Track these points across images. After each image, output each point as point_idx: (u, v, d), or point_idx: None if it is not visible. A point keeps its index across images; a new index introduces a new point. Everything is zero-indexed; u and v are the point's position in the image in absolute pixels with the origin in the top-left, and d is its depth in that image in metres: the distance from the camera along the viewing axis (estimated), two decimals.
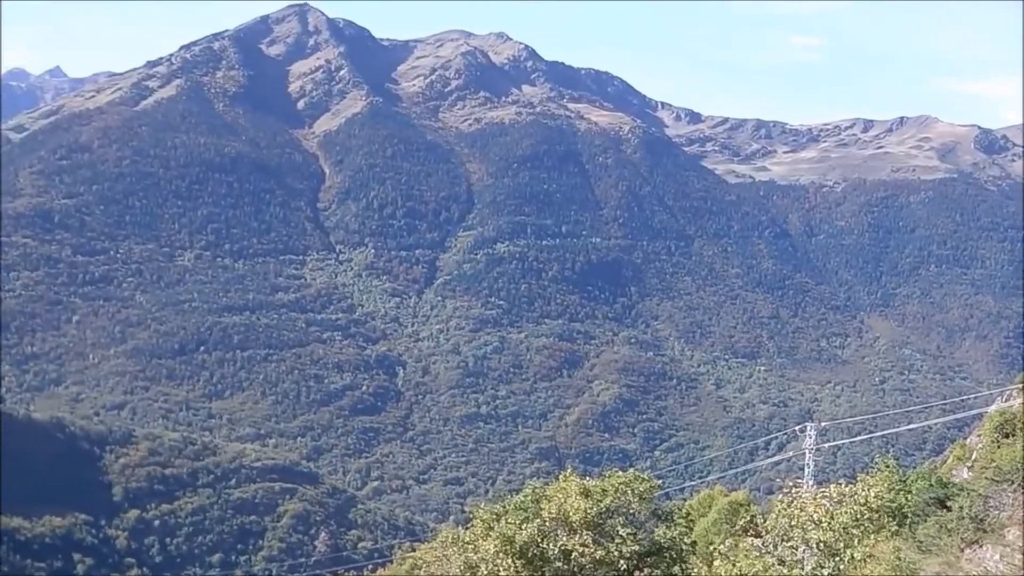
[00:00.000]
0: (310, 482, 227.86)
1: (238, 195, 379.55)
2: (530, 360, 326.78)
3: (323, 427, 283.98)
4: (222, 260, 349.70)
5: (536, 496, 42.53)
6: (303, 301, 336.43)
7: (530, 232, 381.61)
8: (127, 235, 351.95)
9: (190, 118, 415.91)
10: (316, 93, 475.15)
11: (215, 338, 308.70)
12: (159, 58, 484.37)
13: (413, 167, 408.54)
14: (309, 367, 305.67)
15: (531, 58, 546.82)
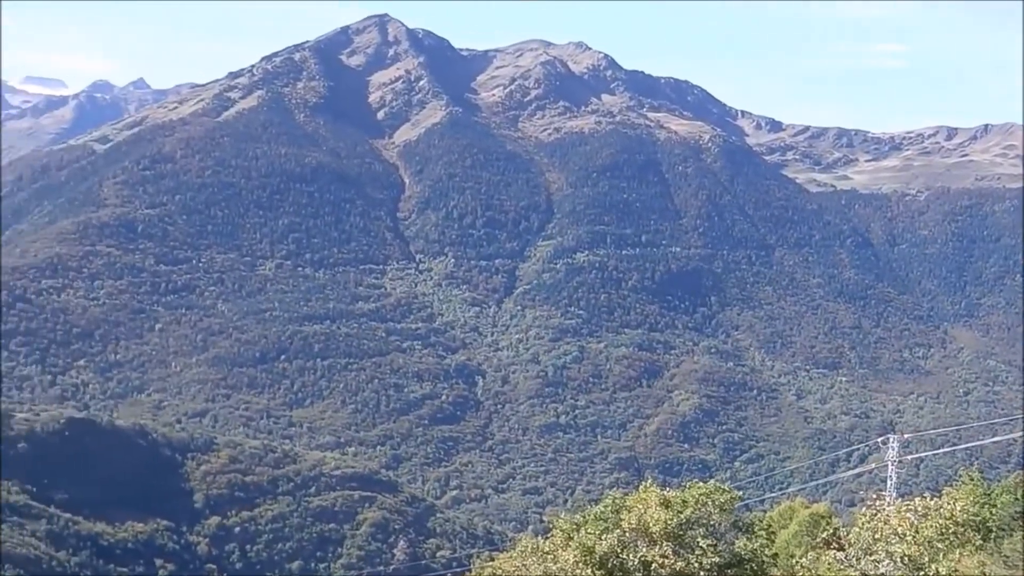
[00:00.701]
0: (389, 491, 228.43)
1: (319, 205, 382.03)
2: (609, 370, 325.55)
3: (402, 436, 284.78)
4: (303, 269, 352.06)
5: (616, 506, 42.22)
6: (383, 310, 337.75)
7: (610, 242, 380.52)
8: (209, 244, 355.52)
9: (271, 128, 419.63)
10: (396, 103, 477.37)
11: (296, 347, 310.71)
12: (241, 69, 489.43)
13: (493, 177, 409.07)
14: (389, 376, 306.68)
15: (610, 67, 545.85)
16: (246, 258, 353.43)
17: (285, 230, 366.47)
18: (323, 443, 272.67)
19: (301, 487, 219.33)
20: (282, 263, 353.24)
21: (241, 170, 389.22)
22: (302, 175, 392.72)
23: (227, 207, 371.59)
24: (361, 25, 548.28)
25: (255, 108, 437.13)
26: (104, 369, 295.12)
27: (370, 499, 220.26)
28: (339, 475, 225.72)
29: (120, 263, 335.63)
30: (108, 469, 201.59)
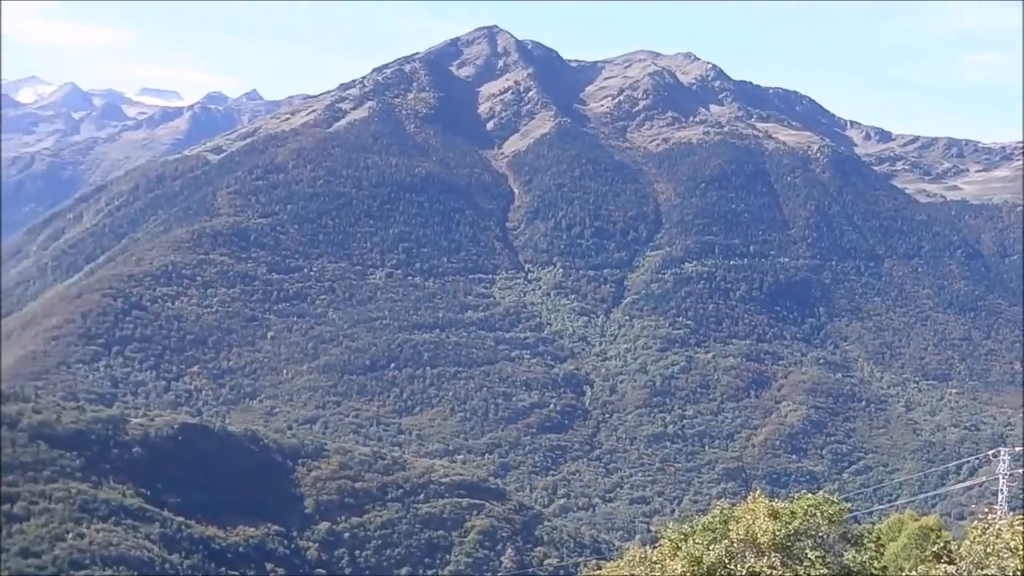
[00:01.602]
0: (497, 498, 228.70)
1: (428, 215, 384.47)
2: (717, 380, 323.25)
3: (511, 444, 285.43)
4: (413, 278, 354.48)
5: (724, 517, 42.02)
6: (492, 319, 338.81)
7: (718, 252, 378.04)
8: (320, 253, 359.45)
9: (382, 139, 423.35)
10: (505, 114, 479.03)
11: (405, 355, 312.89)
12: (352, 81, 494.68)
13: (601, 187, 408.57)
14: (497, 385, 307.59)
15: (718, 78, 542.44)
16: (357, 267, 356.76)
17: (395, 239, 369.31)
18: (432, 450, 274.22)
19: (410, 494, 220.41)
20: (392, 272, 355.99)
21: (352, 180, 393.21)
22: (412, 185, 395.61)
23: (338, 216, 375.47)
24: (471, 37, 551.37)
25: (366, 119, 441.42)
26: (217, 375, 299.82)
27: (478, 506, 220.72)
28: (448, 482, 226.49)
29: (233, 271, 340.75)
30: (220, 474, 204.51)
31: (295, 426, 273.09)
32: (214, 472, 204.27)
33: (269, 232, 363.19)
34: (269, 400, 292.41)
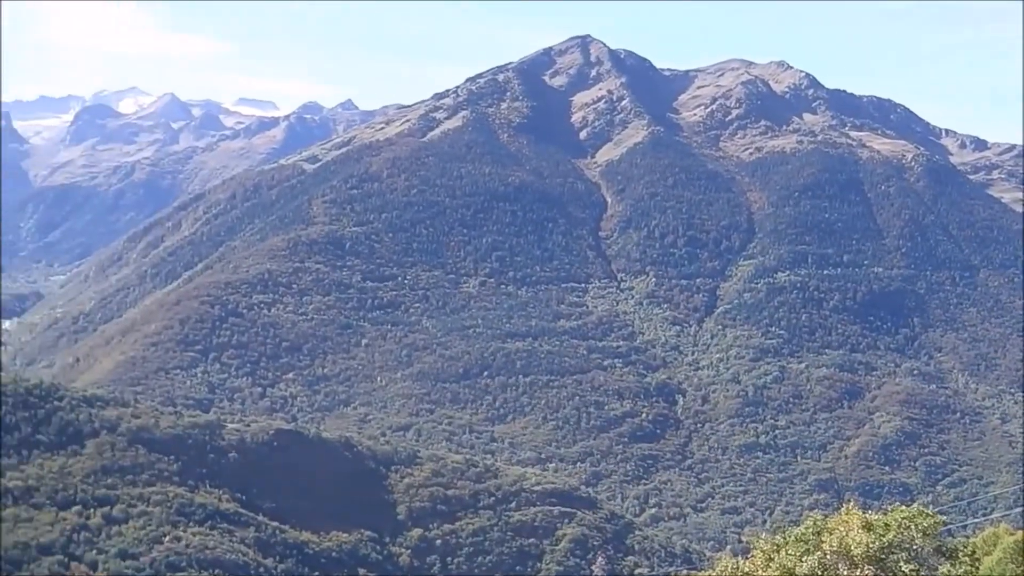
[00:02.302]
0: (589, 507, 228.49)
1: (522, 224, 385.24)
2: (810, 391, 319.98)
3: (602, 453, 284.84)
4: (506, 287, 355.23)
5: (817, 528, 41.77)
6: (584, 328, 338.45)
7: (811, 261, 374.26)
8: (414, 262, 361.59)
9: (475, 148, 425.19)
10: (598, 123, 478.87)
11: (498, 363, 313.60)
12: (446, 90, 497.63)
13: (694, 196, 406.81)
14: (590, 393, 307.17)
15: (812, 86, 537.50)
16: (450, 275, 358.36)
17: (489, 248, 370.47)
18: (524, 458, 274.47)
19: (502, 501, 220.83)
20: (486, 281, 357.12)
21: (446, 189, 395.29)
22: (506, 194, 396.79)
23: (432, 225, 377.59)
24: (564, 46, 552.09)
25: (460, 128, 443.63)
26: (312, 382, 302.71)
27: (570, 515, 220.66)
28: (539, 490, 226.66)
29: (328, 279, 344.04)
30: (314, 480, 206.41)
31: (388, 433, 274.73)
32: (308, 478, 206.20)
33: (364, 240, 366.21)
34: (363, 407, 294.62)
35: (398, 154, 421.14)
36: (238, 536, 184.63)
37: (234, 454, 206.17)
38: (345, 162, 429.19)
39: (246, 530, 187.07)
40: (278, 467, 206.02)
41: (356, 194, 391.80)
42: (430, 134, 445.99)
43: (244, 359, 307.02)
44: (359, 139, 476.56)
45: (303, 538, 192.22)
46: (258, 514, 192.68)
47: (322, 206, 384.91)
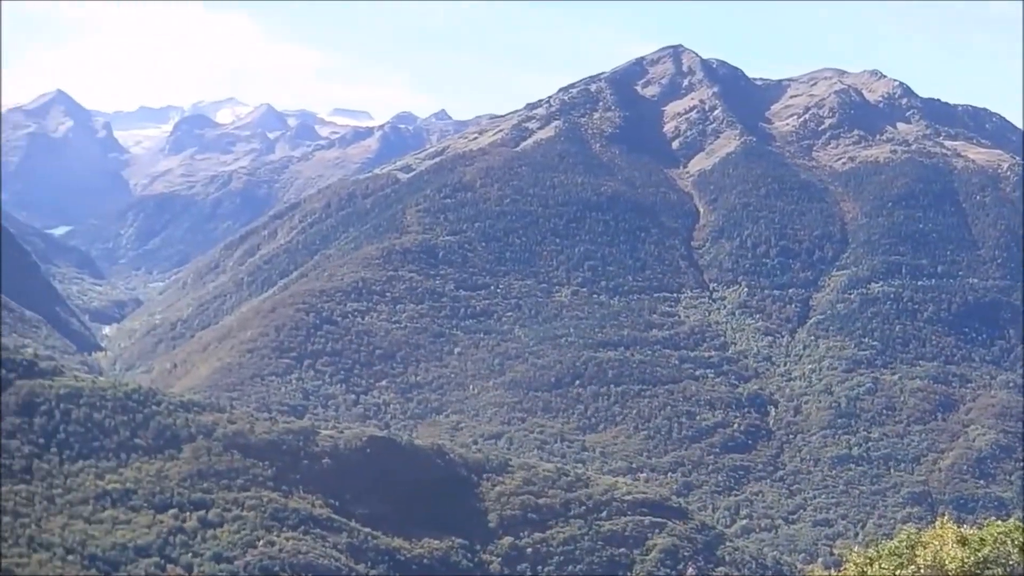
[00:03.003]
0: (679, 517, 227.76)
1: (614, 233, 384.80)
2: (904, 402, 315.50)
3: (694, 463, 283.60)
4: (598, 297, 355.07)
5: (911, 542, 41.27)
6: (676, 338, 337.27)
7: (905, 272, 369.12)
8: (507, 271, 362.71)
9: (568, 158, 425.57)
10: (690, 133, 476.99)
11: (590, 372, 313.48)
12: (538, 100, 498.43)
13: (787, 206, 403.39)
14: (681, 403, 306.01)
15: (906, 95, 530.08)
16: (543, 285, 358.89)
17: (581, 258, 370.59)
18: (615, 468, 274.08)
19: (593, 511, 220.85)
20: (578, 290, 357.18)
21: (538, 198, 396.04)
22: (598, 204, 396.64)
23: (525, 235, 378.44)
24: (655, 56, 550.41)
25: (552, 138, 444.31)
26: (405, 390, 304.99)
27: (660, 525, 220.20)
28: (630, 500, 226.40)
29: (422, 288, 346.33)
30: (406, 486, 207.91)
31: (480, 441, 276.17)
32: (400, 485, 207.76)
33: (457, 249, 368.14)
34: (455, 415, 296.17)
35: (491, 164, 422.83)
36: (330, 541, 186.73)
37: (327, 460, 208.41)
38: (439, 171, 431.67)
39: (339, 536, 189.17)
40: (371, 473, 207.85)
41: (449, 203, 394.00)
42: (523, 144, 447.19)
43: (338, 366, 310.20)
44: (452, 149, 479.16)
45: (395, 544, 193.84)
46: (350, 520, 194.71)
47: (416, 215, 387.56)
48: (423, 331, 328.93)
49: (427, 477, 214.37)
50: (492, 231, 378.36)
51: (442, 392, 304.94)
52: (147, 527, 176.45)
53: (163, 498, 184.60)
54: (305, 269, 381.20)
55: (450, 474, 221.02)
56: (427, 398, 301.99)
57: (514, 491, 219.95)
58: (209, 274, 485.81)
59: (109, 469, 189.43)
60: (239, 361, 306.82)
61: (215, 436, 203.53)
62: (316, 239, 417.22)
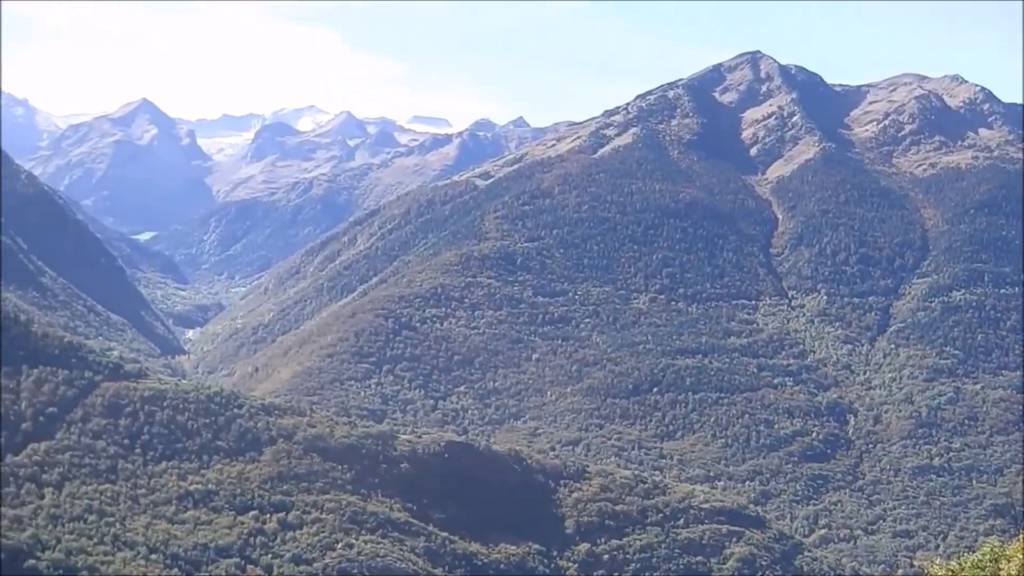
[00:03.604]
0: (757, 526, 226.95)
1: (692, 240, 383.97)
2: (986, 412, 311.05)
3: (772, 472, 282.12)
4: (676, 304, 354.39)
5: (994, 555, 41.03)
6: (755, 346, 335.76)
7: (987, 280, 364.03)
8: (585, 278, 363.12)
9: (646, 165, 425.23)
10: (769, 139, 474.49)
11: (668, 380, 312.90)
12: (616, 107, 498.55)
13: (866, 213, 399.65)
14: (759, 412, 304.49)
15: (987, 100, 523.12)
16: (621, 291, 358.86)
17: (659, 264, 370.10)
18: (692, 476, 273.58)
19: (670, 518, 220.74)
20: (656, 297, 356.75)
21: (616, 205, 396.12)
22: (676, 211, 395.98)
23: (602, 241, 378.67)
24: (733, 62, 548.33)
25: (630, 145, 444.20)
26: (483, 395, 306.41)
27: (738, 534, 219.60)
28: (708, 508, 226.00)
29: (500, 294, 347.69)
30: (484, 491, 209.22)
31: (558, 447, 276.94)
32: (478, 490, 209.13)
33: (535, 256, 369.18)
34: (533, 421, 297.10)
35: (569, 170, 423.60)
36: (408, 545, 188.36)
37: (406, 464, 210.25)
38: (517, 178, 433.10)
39: (416, 539, 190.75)
40: (449, 478, 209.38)
41: (528, 210, 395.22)
42: (601, 151, 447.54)
43: (417, 371, 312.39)
44: (531, 156, 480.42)
45: (472, 549, 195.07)
46: (428, 524, 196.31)
47: (494, 222, 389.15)
48: (501, 337, 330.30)
49: (505, 482, 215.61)
50: (570, 238, 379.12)
51: (520, 398, 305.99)
52: (228, 528, 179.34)
53: (244, 500, 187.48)
54: (384, 275, 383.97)
55: (527, 480, 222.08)
56: (505, 404, 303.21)
57: (591, 498, 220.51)
58: (290, 279, 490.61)
59: (192, 470, 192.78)
60: (319, 365, 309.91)
61: (295, 439, 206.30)
62: (395, 245, 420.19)
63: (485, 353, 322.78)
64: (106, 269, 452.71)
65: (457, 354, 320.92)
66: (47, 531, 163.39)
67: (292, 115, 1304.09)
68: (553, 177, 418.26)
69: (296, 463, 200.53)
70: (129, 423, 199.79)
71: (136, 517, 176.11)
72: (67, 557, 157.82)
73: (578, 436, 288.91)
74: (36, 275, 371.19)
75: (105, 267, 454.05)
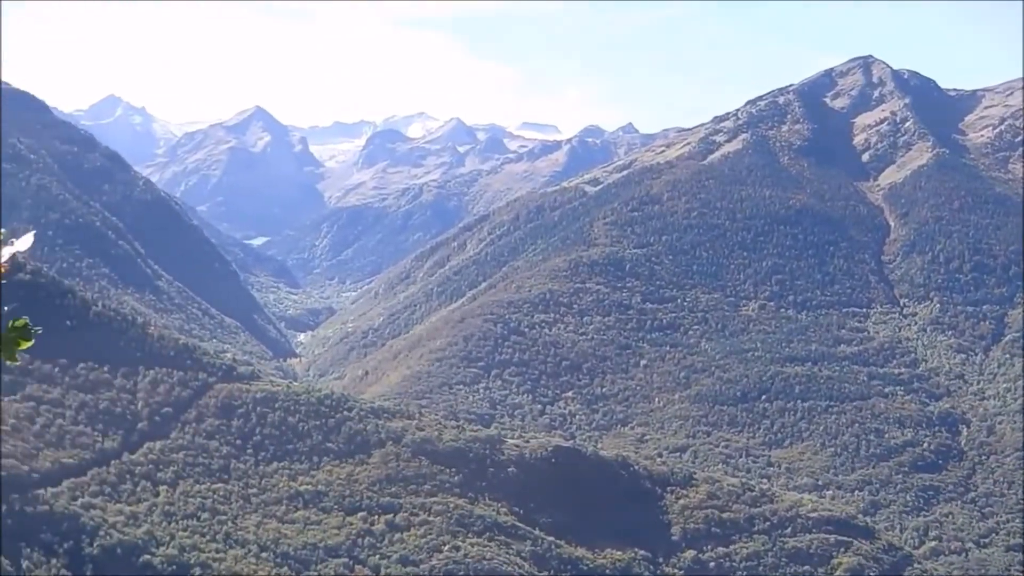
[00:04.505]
0: (866, 537, 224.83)
1: (802, 247, 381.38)
2: None
3: (881, 482, 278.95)
4: (785, 311, 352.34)
5: None
6: (865, 354, 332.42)
7: None
8: (694, 284, 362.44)
9: (755, 171, 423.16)
10: (881, 145, 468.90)
11: (776, 387, 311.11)
12: (726, 113, 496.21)
13: (981, 220, 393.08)
14: (869, 421, 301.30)
15: None
16: (730, 298, 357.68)
17: (769, 271, 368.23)
18: (800, 484, 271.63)
19: (777, 527, 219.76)
20: (765, 304, 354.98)
21: (726, 212, 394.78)
22: (786, 217, 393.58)
23: (712, 248, 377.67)
24: (845, 67, 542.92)
25: (740, 151, 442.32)
26: (590, 401, 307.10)
27: (846, 544, 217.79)
28: (816, 517, 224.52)
29: (608, 300, 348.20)
30: (590, 497, 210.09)
31: (665, 453, 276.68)
32: (585, 495, 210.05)
33: (644, 262, 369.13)
34: (640, 427, 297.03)
35: (678, 177, 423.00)
36: (515, 549, 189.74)
37: (513, 469, 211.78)
38: (626, 185, 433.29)
39: (523, 543, 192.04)
40: (556, 483, 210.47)
41: (636, 216, 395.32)
42: (710, 157, 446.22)
43: (525, 376, 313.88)
44: (640, 162, 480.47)
45: (578, 554, 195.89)
46: (535, 528, 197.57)
47: (603, 228, 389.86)
48: (610, 343, 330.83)
49: (611, 488, 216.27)
50: (679, 244, 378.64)
51: (628, 404, 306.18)
52: (337, 528, 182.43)
53: (353, 501, 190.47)
54: (493, 280, 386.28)
55: (634, 486, 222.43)
56: (612, 409, 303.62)
57: (698, 504, 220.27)
58: (400, 284, 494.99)
59: (302, 471, 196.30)
60: (428, 369, 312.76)
61: (404, 442, 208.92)
62: (504, 251, 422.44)
63: (593, 359, 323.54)
64: (220, 273, 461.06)
65: (565, 359, 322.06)
66: (161, 528, 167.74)
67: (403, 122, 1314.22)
68: (662, 183, 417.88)
69: (404, 466, 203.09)
70: (241, 424, 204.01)
71: (247, 516, 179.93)
72: (180, 553, 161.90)
73: (685, 443, 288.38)
74: (153, 279, 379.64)
75: (219, 271, 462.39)
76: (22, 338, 7.91)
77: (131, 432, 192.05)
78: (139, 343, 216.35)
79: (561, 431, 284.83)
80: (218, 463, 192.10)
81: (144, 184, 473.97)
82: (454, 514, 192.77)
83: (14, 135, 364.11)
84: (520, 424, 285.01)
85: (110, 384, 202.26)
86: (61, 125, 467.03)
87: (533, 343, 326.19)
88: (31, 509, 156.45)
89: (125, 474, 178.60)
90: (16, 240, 7.51)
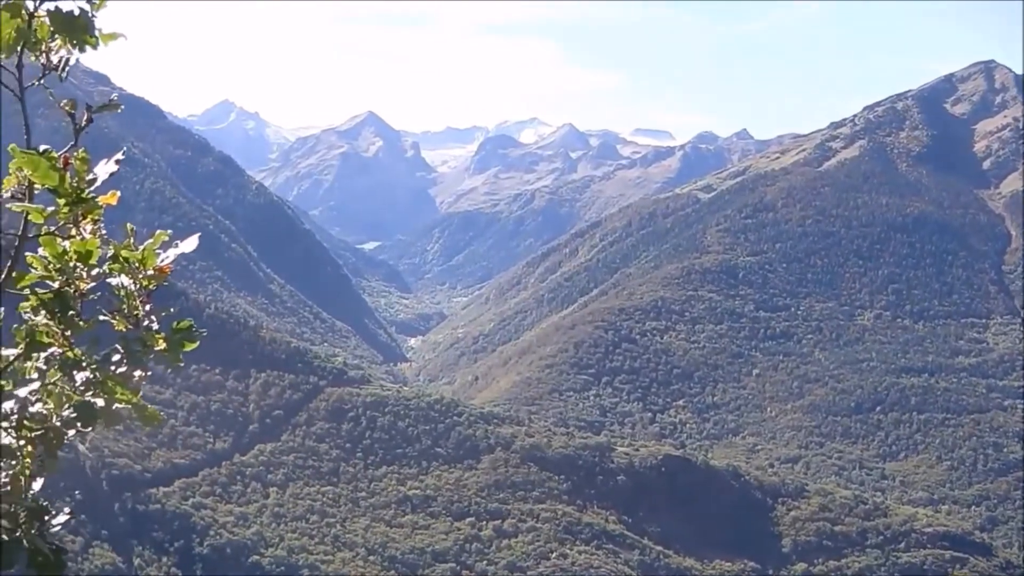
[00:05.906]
0: (983, 553, 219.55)
1: (919, 256, 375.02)
2: None
3: (999, 498, 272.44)
4: (902, 321, 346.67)
5: None
6: (984, 366, 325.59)
7: None
8: (808, 293, 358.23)
9: (872, 178, 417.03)
10: (1003, 152, 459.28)
11: (892, 399, 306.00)
12: (843, 119, 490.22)
13: None
14: (988, 434, 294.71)
15: None
16: (844, 307, 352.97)
17: (885, 280, 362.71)
18: (915, 498, 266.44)
19: (890, 541, 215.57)
20: (881, 314, 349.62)
21: (841, 219, 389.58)
22: (903, 225, 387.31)
23: (826, 256, 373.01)
24: (966, 73, 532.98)
25: (856, 158, 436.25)
26: (701, 410, 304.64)
27: (962, 560, 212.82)
28: (930, 532, 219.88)
29: (721, 308, 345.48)
30: (700, 507, 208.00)
31: (776, 464, 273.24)
32: (694, 504, 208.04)
33: (757, 270, 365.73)
34: (752, 437, 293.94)
35: (793, 183, 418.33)
36: (623, 557, 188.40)
37: (622, 477, 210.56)
38: (740, 191, 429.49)
39: (631, 552, 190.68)
40: (665, 492, 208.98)
41: (750, 224, 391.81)
42: (826, 164, 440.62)
43: (635, 384, 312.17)
44: (754, 168, 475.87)
45: (686, 564, 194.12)
46: (643, 537, 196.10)
47: (716, 235, 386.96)
48: (721, 351, 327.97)
49: (721, 498, 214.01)
50: (793, 252, 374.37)
51: (739, 413, 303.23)
52: (445, 534, 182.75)
53: (461, 506, 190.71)
54: (605, 287, 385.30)
55: (744, 496, 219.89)
56: (724, 419, 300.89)
57: (809, 517, 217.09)
58: (511, 290, 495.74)
59: (411, 476, 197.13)
60: (538, 376, 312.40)
61: (513, 448, 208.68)
62: (616, 258, 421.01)
63: (705, 367, 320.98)
64: (332, 277, 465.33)
65: (676, 368, 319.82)
66: (270, 529, 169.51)
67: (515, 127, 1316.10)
68: (777, 190, 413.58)
69: (513, 472, 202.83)
70: (351, 427, 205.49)
71: (356, 519, 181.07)
72: (289, 555, 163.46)
73: (798, 454, 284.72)
74: (265, 282, 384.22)
75: (331, 275, 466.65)
76: (187, 340, 7.31)
77: (242, 434, 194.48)
78: (251, 346, 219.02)
79: (671, 440, 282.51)
80: (328, 466, 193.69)
81: (257, 188, 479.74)
82: (562, 521, 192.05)
83: (128, 140, 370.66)
84: (630, 432, 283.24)
85: (222, 386, 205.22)
86: (175, 130, 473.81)
87: (644, 351, 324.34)
88: (143, 508, 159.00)
89: (236, 475, 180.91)
90: (180, 242, 7.20)
